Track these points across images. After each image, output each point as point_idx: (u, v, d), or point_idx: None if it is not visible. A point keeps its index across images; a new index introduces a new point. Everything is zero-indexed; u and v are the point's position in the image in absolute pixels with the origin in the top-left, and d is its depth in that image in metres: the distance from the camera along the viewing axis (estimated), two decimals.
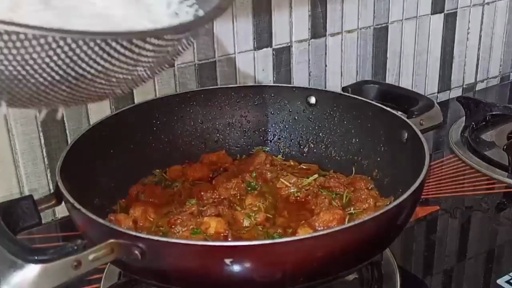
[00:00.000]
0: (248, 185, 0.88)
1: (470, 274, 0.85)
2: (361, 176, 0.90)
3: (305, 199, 0.86)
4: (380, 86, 1.02)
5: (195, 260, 0.62)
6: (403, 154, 0.84)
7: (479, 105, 1.22)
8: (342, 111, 0.95)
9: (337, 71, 1.21)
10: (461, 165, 1.11)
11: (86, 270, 0.59)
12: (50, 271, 0.57)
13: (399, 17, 1.26)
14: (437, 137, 1.21)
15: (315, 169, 0.94)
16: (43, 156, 0.95)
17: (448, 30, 1.35)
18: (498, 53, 1.47)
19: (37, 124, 0.93)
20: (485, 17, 1.40)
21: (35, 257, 0.57)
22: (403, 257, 0.86)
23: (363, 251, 0.68)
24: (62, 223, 0.97)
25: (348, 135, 0.94)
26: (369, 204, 0.82)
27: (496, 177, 1.06)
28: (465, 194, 1.03)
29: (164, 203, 0.84)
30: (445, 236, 0.93)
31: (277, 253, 0.62)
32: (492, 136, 1.19)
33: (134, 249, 0.61)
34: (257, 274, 0.62)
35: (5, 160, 0.92)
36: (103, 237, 0.61)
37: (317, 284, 0.67)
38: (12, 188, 0.94)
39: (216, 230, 0.76)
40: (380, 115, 0.90)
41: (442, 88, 1.41)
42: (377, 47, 1.25)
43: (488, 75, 1.48)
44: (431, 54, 1.35)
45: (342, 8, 1.17)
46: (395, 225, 0.70)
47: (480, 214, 0.98)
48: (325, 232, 0.64)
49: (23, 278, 0.56)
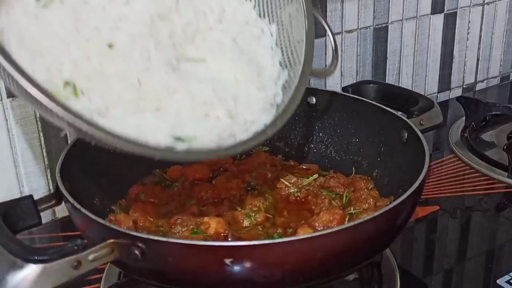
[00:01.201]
0: (248, 185, 0.88)
1: (470, 274, 0.85)
2: (361, 176, 0.90)
3: (305, 199, 0.86)
4: (380, 86, 1.02)
5: (195, 260, 0.62)
6: (403, 154, 0.84)
7: (479, 105, 1.22)
8: (342, 111, 0.95)
9: (337, 71, 1.21)
10: (461, 165, 1.11)
11: (86, 270, 0.59)
12: (50, 271, 0.57)
13: (399, 17, 1.26)
14: (437, 137, 1.21)
15: (315, 169, 0.94)
16: (43, 156, 0.95)
17: (448, 30, 1.35)
18: (498, 53, 1.47)
19: (37, 124, 0.93)
20: (485, 17, 1.40)
21: (35, 257, 0.57)
22: (403, 257, 0.86)
23: (363, 251, 0.68)
24: (62, 223, 0.97)
25: (348, 135, 0.94)
26: (369, 204, 0.82)
27: (496, 177, 1.06)
28: (465, 194, 1.03)
29: (164, 203, 0.84)
30: (445, 236, 0.93)
31: (277, 253, 0.62)
32: (492, 136, 1.19)
33: (134, 249, 0.61)
34: (257, 274, 0.62)
35: (5, 160, 0.92)
36: (103, 237, 0.61)
37: (317, 284, 0.67)
38: (12, 188, 0.94)
39: (216, 230, 0.76)
40: (380, 115, 0.90)
41: (442, 88, 1.41)
42: (377, 47, 1.25)
43: (488, 75, 1.48)
44: (431, 54, 1.35)
45: (342, 8, 1.17)
46: (395, 225, 0.70)
47: (480, 214, 0.98)
48: (325, 232, 0.64)
49: (23, 278, 0.56)
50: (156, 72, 0.67)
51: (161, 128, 0.63)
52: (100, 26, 0.66)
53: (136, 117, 0.63)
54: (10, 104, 0.90)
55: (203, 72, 0.72)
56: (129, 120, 0.63)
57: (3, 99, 0.90)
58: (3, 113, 0.90)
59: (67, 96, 0.62)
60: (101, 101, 0.63)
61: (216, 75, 0.72)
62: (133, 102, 0.64)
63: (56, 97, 0.60)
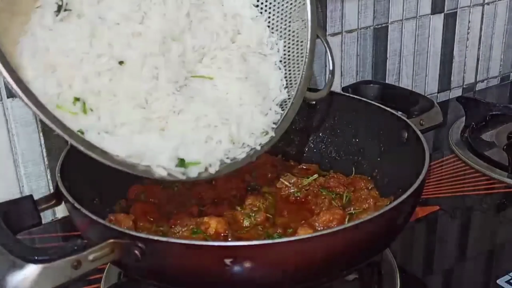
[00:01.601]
0: (248, 185, 0.88)
1: (470, 274, 0.85)
2: (361, 176, 0.90)
3: (305, 199, 0.86)
4: (380, 86, 1.02)
5: (195, 260, 0.62)
6: (403, 154, 0.84)
7: (479, 105, 1.23)
8: (342, 111, 0.95)
9: (337, 71, 1.21)
10: (461, 165, 1.11)
11: (86, 270, 0.59)
12: (50, 271, 0.57)
13: (399, 17, 1.26)
14: (437, 137, 1.21)
15: (315, 169, 0.94)
16: (43, 156, 0.95)
17: (448, 30, 1.35)
18: (498, 53, 1.47)
19: (37, 124, 0.93)
20: (485, 17, 1.40)
21: (35, 257, 0.57)
22: (403, 257, 0.86)
23: (363, 251, 0.68)
24: (62, 223, 0.97)
25: (348, 135, 0.94)
26: (369, 204, 0.82)
27: (496, 177, 1.06)
28: (465, 194, 1.03)
29: (164, 203, 0.84)
30: (445, 236, 0.93)
31: (277, 253, 0.62)
32: (492, 136, 1.19)
33: (134, 249, 0.61)
34: (257, 274, 0.62)
35: (5, 160, 0.92)
36: (103, 237, 0.61)
37: (317, 284, 0.67)
38: (12, 188, 0.94)
39: (216, 230, 0.76)
40: (380, 115, 0.90)
41: (442, 88, 1.41)
42: (377, 47, 1.25)
43: (488, 75, 1.48)
44: (431, 54, 1.35)
45: (342, 8, 1.17)
46: (395, 225, 0.70)
47: (480, 214, 0.98)
48: (325, 232, 0.64)
49: (23, 278, 0.56)
50: (163, 91, 0.68)
51: (165, 150, 0.65)
52: (113, 42, 0.67)
53: (142, 137, 0.65)
54: (10, 104, 0.90)
55: (209, 91, 0.73)
56: (135, 140, 0.65)
57: (3, 99, 0.90)
58: (3, 113, 0.90)
59: (76, 112, 0.63)
60: (110, 120, 0.64)
61: (222, 95, 0.73)
62: (140, 122, 0.66)
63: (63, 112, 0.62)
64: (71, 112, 0.63)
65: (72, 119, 0.63)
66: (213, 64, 0.75)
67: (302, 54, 0.81)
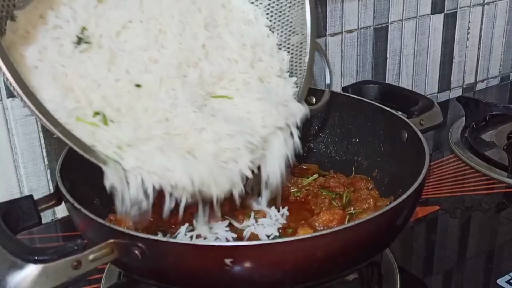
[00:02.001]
0: None
1: (470, 274, 0.85)
2: (361, 176, 0.90)
3: (305, 199, 0.86)
4: (380, 86, 1.02)
5: (195, 260, 0.62)
6: (403, 154, 0.84)
7: (479, 105, 1.22)
8: (342, 111, 0.95)
9: (337, 71, 1.21)
10: (461, 165, 1.11)
11: (86, 270, 0.59)
12: (50, 271, 0.57)
13: (399, 17, 1.26)
14: (437, 137, 1.21)
15: (315, 169, 0.94)
16: (43, 156, 0.95)
17: (448, 30, 1.35)
18: (498, 53, 1.47)
19: (37, 124, 0.93)
20: (485, 17, 1.40)
21: (35, 257, 0.57)
22: (403, 257, 0.86)
23: (363, 251, 0.68)
24: (62, 223, 0.97)
25: (348, 135, 0.94)
26: (369, 204, 0.82)
27: (496, 177, 1.06)
28: (465, 194, 1.03)
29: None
30: (445, 236, 0.93)
31: (277, 253, 0.62)
32: (492, 136, 1.18)
33: (134, 249, 0.61)
34: (257, 274, 0.62)
35: (5, 160, 0.92)
36: (103, 237, 0.61)
37: (317, 284, 0.67)
38: (12, 188, 0.94)
39: None
40: (380, 115, 0.90)
41: (442, 88, 1.41)
42: (377, 47, 1.25)
43: (488, 75, 1.48)
44: (431, 54, 1.35)
45: (342, 8, 1.17)
46: (395, 225, 0.70)
47: (480, 214, 0.98)
48: (325, 232, 0.64)
49: (23, 278, 0.56)
50: (182, 109, 0.69)
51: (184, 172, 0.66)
52: (130, 69, 0.69)
53: (163, 156, 0.65)
54: (10, 104, 0.90)
55: (229, 109, 0.73)
56: (156, 156, 0.65)
57: (3, 99, 0.90)
58: (3, 113, 0.90)
59: (96, 124, 0.64)
60: (133, 133, 0.65)
61: (243, 115, 0.73)
62: (163, 139, 0.66)
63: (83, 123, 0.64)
64: (91, 123, 0.64)
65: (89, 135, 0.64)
66: (231, 86, 0.75)
67: (301, 68, 0.82)
